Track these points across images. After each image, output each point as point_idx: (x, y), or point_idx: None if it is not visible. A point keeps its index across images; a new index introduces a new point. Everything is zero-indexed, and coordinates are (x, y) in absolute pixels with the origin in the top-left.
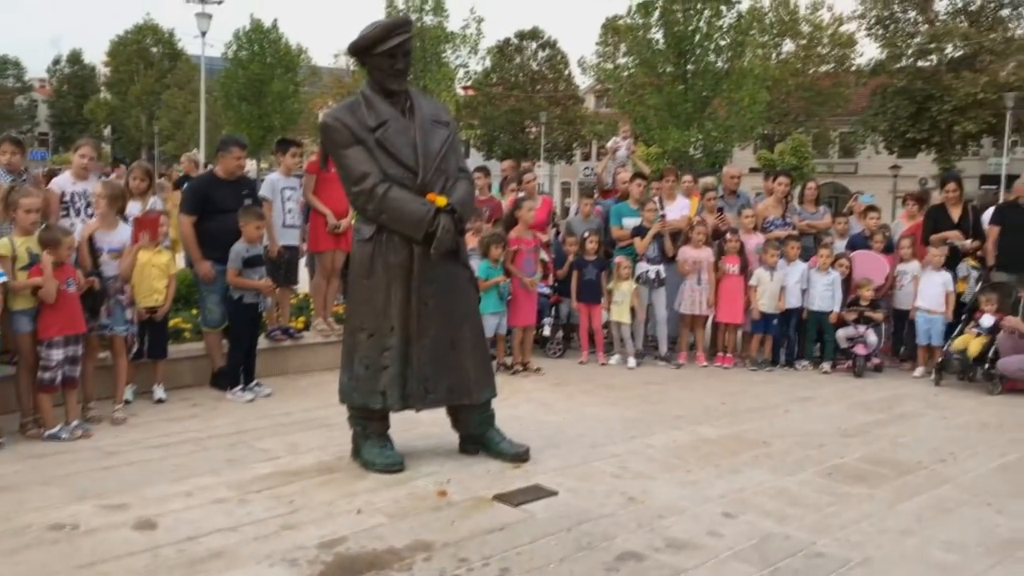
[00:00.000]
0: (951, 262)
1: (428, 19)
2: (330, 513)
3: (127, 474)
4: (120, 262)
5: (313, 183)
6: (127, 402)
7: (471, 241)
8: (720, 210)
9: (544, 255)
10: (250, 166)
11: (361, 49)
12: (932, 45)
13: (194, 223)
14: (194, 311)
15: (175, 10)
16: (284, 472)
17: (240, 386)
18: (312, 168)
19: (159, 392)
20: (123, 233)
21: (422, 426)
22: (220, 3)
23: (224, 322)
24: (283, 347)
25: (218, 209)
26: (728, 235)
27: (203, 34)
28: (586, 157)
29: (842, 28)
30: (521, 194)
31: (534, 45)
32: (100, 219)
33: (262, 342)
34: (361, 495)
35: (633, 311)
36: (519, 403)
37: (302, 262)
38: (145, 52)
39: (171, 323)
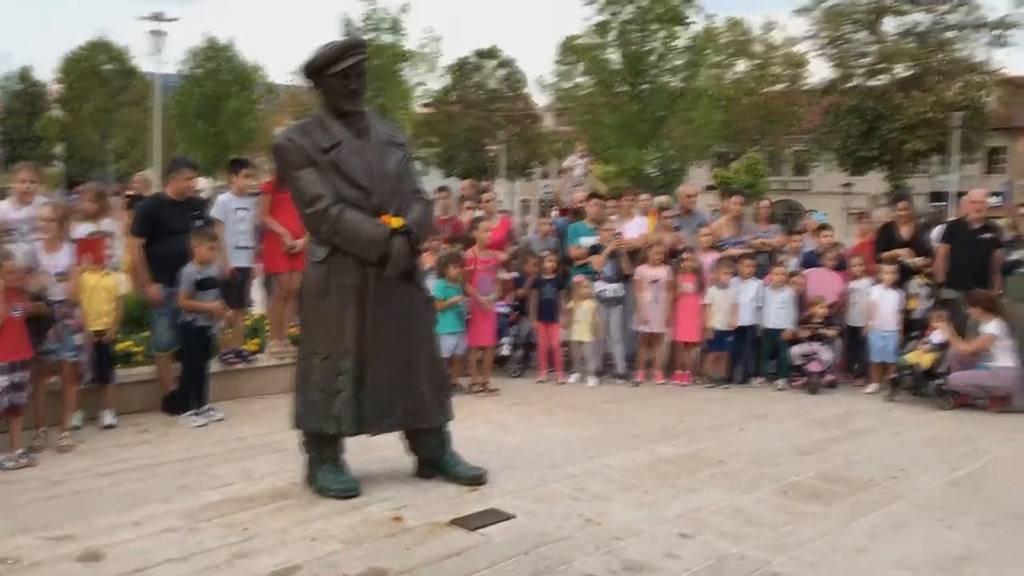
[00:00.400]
0: (902, 279)
1: (386, 37)
2: (283, 541)
3: (73, 503)
4: (66, 285)
5: (269, 203)
6: (75, 428)
7: (428, 260)
8: (676, 229)
9: (504, 274)
10: (205, 184)
11: (315, 70)
12: (881, 65)
13: (144, 245)
14: (145, 334)
15: (129, 27)
16: (237, 499)
17: (192, 411)
18: (268, 188)
19: (108, 418)
20: (68, 256)
21: (378, 450)
22: (174, 20)
23: (175, 345)
24: (236, 370)
25: (168, 231)
26: (685, 254)
27: (157, 52)
28: (545, 175)
29: (794, 48)
30: (477, 213)
31: (492, 63)
32: (48, 243)
33: (215, 365)
34: (315, 522)
35: (594, 329)
36: (477, 424)
37: (256, 283)
38: (98, 69)
39: (121, 346)
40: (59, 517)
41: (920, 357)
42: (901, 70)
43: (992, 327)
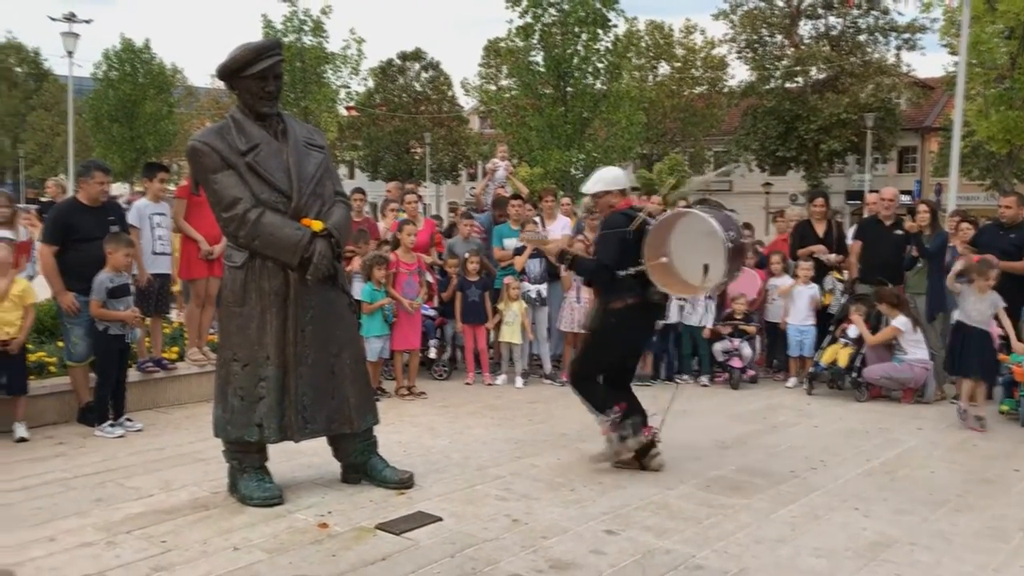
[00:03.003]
0: (817, 275)
1: (308, 40)
2: (205, 552)
3: None
4: None
5: (184, 208)
6: None
7: (355, 264)
8: None
9: (429, 276)
10: (123, 190)
11: (231, 72)
12: (798, 68)
13: (57, 252)
14: (60, 344)
15: (40, 29)
16: (156, 511)
17: (109, 421)
18: (182, 193)
19: (20, 430)
20: None
21: (303, 456)
22: (88, 22)
23: (90, 355)
24: (155, 379)
25: (82, 237)
26: None
27: (70, 54)
28: (472, 177)
29: (714, 51)
30: (402, 216)
31: (417, 66)
32: None
33: (133, 374)
34: (238, 531)
35: (523, 330)
36: (403, 428)
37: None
38: (8, 72)
39: (34, 357)
40: None
41: (837, 353)
42: (816, 72)
43: (898, 321)
